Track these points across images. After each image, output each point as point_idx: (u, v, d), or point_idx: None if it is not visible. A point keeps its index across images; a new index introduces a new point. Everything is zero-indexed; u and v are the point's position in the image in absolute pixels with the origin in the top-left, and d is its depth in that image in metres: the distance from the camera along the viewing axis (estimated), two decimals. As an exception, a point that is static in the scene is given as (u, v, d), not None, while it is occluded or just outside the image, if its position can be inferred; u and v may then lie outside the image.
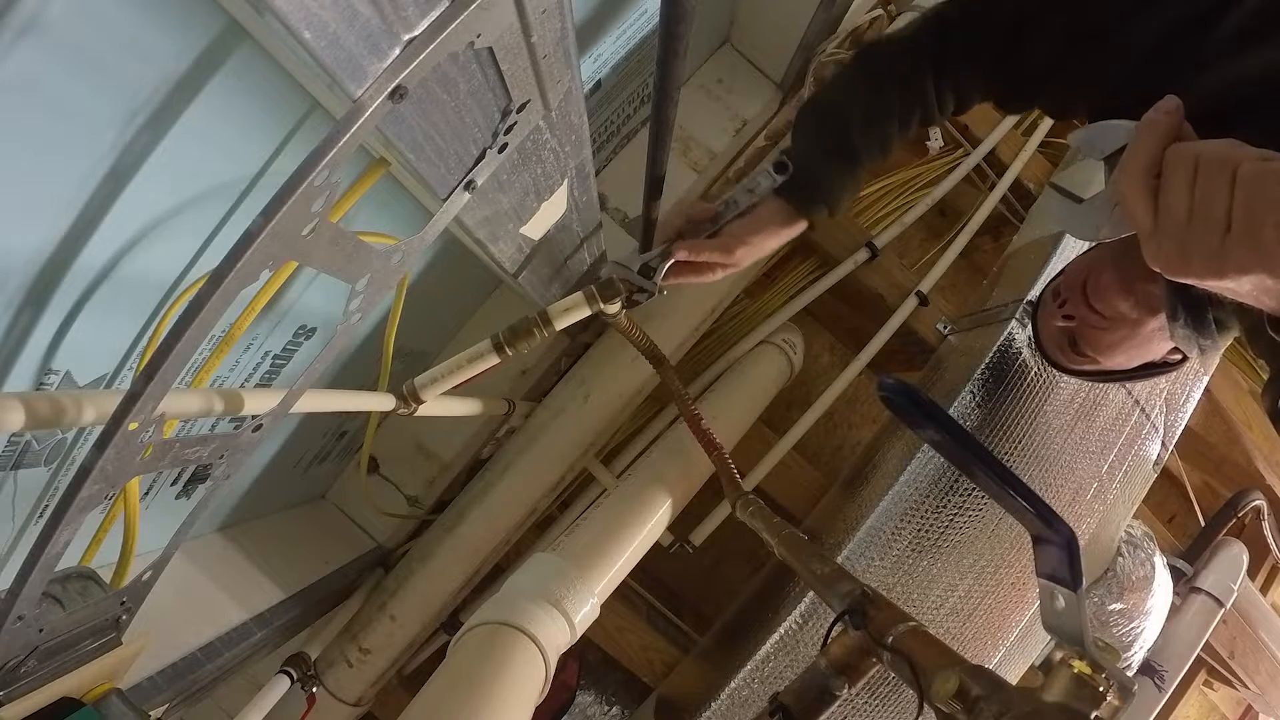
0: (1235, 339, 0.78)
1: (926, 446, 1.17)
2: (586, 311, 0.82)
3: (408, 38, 0.42)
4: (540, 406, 1.41)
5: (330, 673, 1.33)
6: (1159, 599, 1.54)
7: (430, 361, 1.21)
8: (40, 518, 0.79)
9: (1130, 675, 1.55)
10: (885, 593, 0.67)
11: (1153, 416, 1.34)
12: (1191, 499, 2.17)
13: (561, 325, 0.83)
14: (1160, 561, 1.54)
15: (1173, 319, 0.73)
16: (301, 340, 0.97)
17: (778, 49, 1.57)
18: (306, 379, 0.64)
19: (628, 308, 0.89)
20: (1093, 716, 0.42)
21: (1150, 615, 1.53)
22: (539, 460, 1.36)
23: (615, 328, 0.98)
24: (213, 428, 0.66)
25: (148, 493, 0.92)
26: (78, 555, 0.66)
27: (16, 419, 0.41)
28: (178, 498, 0.98)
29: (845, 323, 1.94)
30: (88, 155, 0.57)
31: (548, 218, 0.84)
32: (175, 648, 0.92)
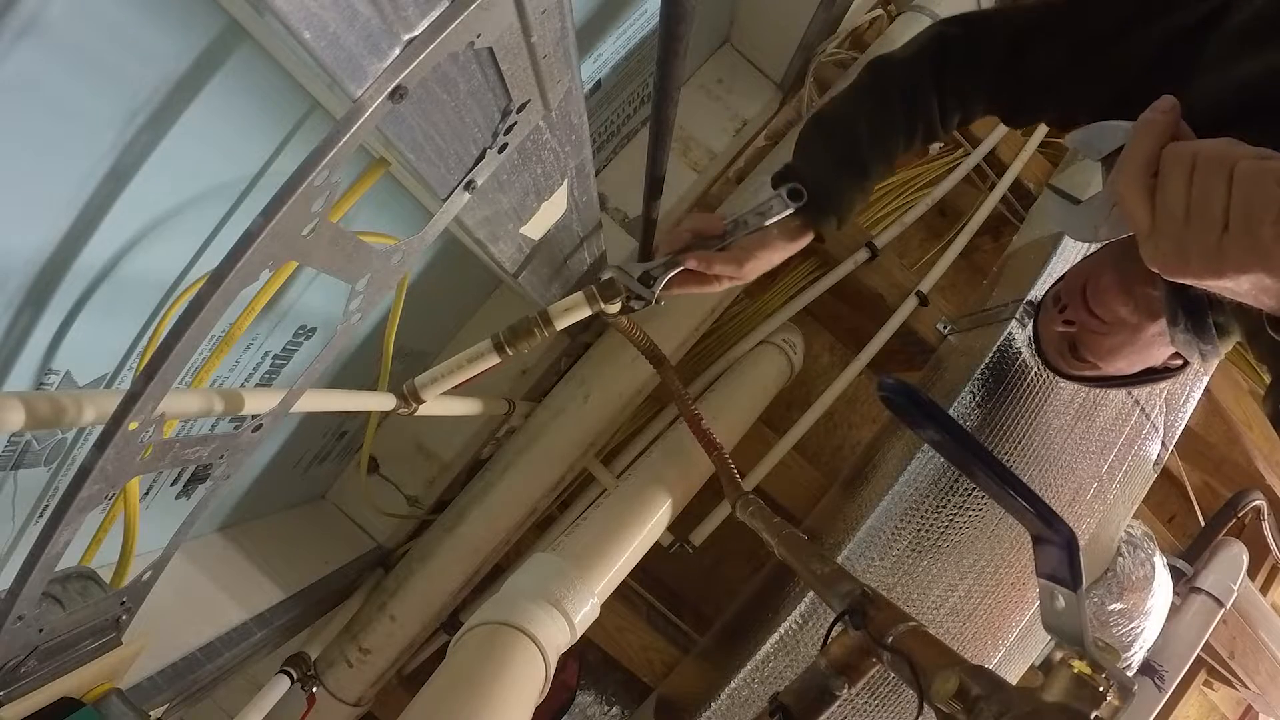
0: (1236, 343, 0.78)
1: (926, 446, 1.17)
2: (587, 311, 0.82)
3: (408, 38, 0.42)
4: (540, 406, 1.41)
5: (330, 673, 1.33)
6: (1159, 599, 1.54)
7: (430, 361, 1.21)
8: (40, 518, 0.79)
9: (1130, 675, 1.55)
10: (885, 593, 0.67)
11: (1153, 416, 1.34)
12: (1191, 499, 2.18)
13: (562, 325, 0.83)
14: (1160, 561, 1.55)
15: (1173, 324, 0.73)
16: (301, 340, 0.97)
17: (778, 49, 1.57)
18: (306, 379, 0.64)
19: (623, 314, 0.89)
20: (1093, 716, 0.42)
21: (1150, 615, 1.53)
22: (539, 460, 1.36)
23: (615, 328, 0.98)
24: (213, 428, 0.66)
25: (148, 493, 0.92)
26: (78, 555, 0.66)
27: (16, 419, 0.41)
28: (178, 498, 0.98)
29: (845, 323, 1.94)
30: (88, 155, 0.57)
31: (548, 218, 0.84)
32: (175, 648, 0.92)
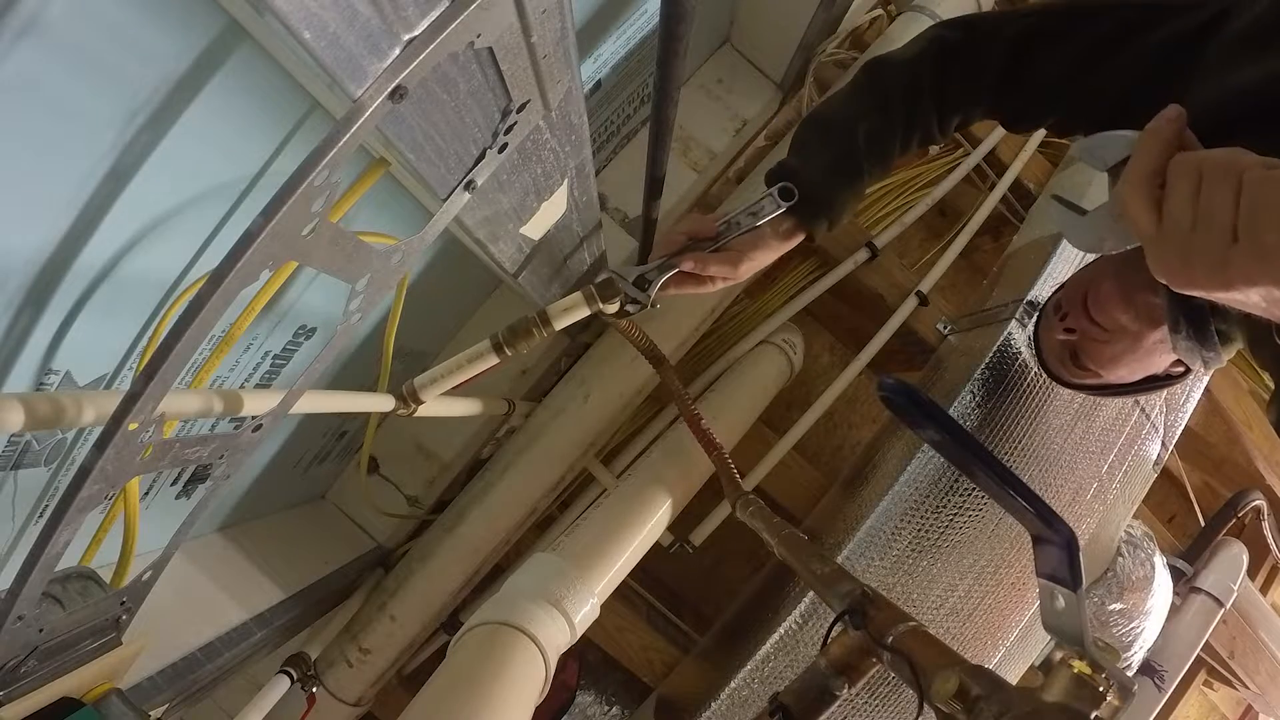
0: (1239, 349, 0.77)
1: (926, 446, 1.17)
2: (586, 311, 0.82)
3: (408, 38, 0.42)
4: (540, 406, 1.41)
5: (330, 673, 1.33)
6: (1159, 599, 1.54)
7: (430, 361, 1.21)
8: (40, 518, 0.79)
9: (1130, 675, 1.55)
10: (885, 593, 0.67)
11: (1153, 416, 1.34)
12: (1191, 499, 2.18)
13: (561, 325, 0.83)
14: (1160, 561, 1.55)
15: (1175, 331, 0.72)
16: (301, 340, 0.97)
17: (778, 49, 1.57)
18: (306, 379, 0.64)
19: (619, 317, 0.89)
20: (1093, 716, 0.42)
21: (1150, 615, 1.53)
22: (539, 460, 1.36)
23: (615, 328, 0.98)
24: (213, 428, 0.66)
25: (148, 493, 0.92)
26: (78, 555, 0.66)
27: (16, 419, 0.41)
28: (178, 498, 0.98)
29: (845, 323, 1.94)
30: (88, 155, 0.57)
31: (548, 218, 0.84)
32: (175, 648, 0.92)
